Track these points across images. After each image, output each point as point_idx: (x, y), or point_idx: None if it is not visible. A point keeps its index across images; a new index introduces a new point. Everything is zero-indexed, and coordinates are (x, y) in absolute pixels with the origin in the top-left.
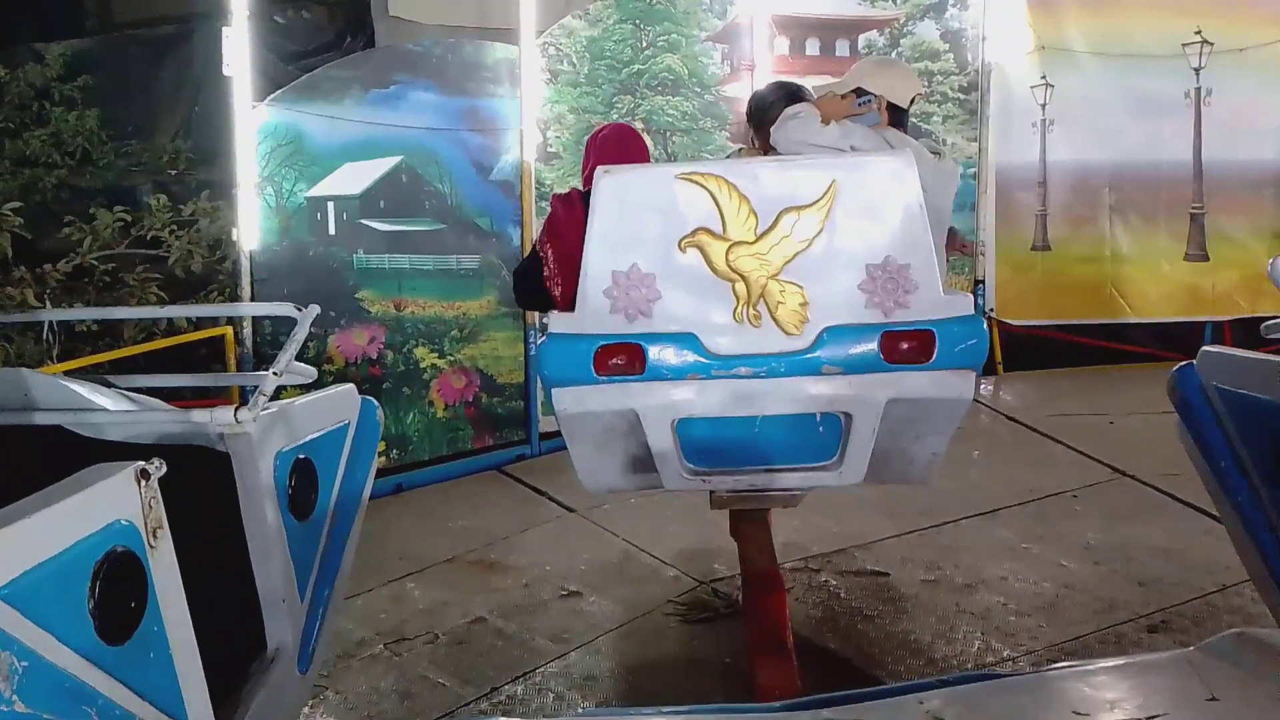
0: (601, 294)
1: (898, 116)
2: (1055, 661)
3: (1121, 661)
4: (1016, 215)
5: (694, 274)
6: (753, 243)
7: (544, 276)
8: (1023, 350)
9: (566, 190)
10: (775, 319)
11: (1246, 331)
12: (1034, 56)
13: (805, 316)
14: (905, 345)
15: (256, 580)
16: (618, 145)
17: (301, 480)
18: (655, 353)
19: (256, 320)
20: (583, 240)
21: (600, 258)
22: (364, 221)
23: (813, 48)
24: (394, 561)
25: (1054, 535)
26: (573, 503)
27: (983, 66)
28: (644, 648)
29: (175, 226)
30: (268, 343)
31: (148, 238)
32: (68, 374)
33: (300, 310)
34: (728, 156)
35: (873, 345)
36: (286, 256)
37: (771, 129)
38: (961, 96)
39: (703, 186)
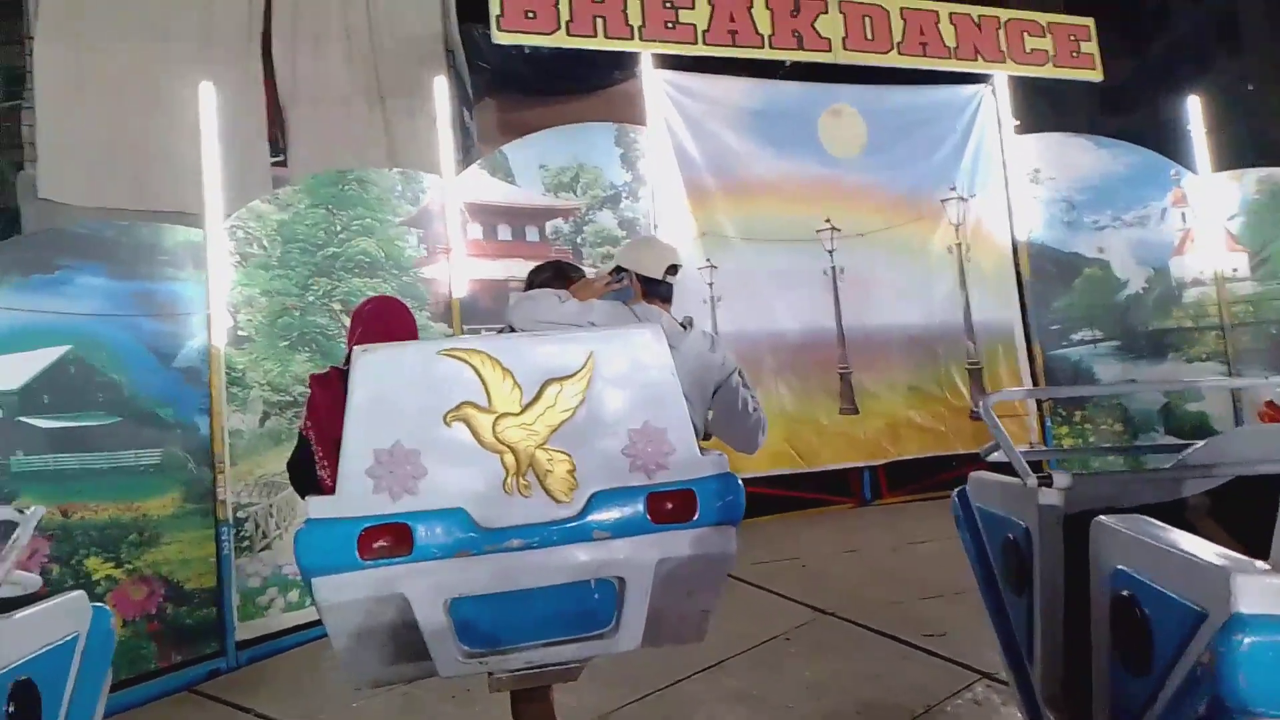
0: (364, 473)
1: (654, 287)
2: None
3: None
4: None
5: (461, 447)
6: (518, 414)
7: (316, 463)
8: None
9: (324, 370)
10: (545, 487)
11: (898, 472)
12: (698, 242)
13: (574, 483)
14: (669, 505)
15: None
16: (382, 319)
17: (22, 706)
18: (423, 531)
19: None
20: (343, 420)
21: (361, 436)
22: (23, 419)
23: (504, 233)
24: None
25: (776, 678)
26: (281, 715)
27: None
28: None
29: None
30: None
31: None
32: None
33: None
34: None
35: (639, 507)
36: None
37: (508, 308)
38: None
39: (465, 361)
